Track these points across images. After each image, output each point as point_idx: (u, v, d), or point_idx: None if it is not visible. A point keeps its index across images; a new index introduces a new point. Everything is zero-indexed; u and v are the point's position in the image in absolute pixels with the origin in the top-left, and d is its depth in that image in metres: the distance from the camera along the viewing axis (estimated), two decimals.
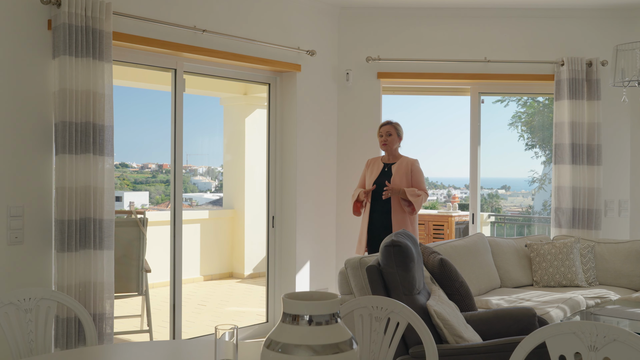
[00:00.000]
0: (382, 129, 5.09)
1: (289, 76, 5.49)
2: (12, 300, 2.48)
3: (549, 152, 9.16)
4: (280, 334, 1.49)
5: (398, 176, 4.95)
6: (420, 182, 4.99)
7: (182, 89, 4.72)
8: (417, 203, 4.86)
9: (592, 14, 5.84)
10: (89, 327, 2.59)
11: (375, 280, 3.25)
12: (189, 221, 7.60)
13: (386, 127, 5.07)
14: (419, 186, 4.97)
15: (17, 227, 3.67)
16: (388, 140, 5.05)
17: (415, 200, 4.85)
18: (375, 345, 2.39)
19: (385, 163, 5.11)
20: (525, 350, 1.93)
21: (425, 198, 4.94)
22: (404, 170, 4.99)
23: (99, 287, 3.81)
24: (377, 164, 5.14)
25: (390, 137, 5.04)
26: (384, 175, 5.02)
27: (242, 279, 8.34)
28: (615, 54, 4.50)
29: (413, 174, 4.99)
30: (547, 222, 7.71)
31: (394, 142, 5.07)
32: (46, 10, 3.77)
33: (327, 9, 5.70)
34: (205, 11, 4.70)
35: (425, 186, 5.01)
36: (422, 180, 5.01)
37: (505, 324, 3.34)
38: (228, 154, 8.99)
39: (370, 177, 5.08)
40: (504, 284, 5.05)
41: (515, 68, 5.83)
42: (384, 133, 5.06)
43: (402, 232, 3.56)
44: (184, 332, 5.01)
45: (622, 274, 5.10)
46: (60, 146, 3.68)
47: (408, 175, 4.97)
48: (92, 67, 3.77)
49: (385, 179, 4.96)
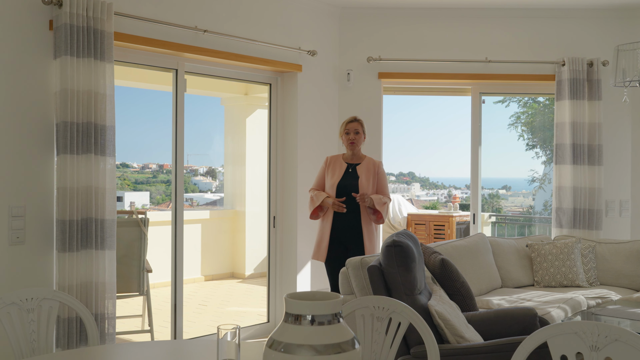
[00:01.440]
0: (349, 125, 4.63)
1: (290, 76, 5.49)
2: (14, 300, 2.48)
3: (549, 152, 9.16)
4: (282, 334, 1.49)
5: (365, 179, 4.54)
6: (384, 186, 4.61)
7: (183, 89, 4.72)
8: (385, 212, 4.49)
9: (593, 14, 5.84)
10: (91, 327, 2.59)
11: (377, 280, 3.25)
12: (190, 221, 7.60)
13: (354, 124, 4.62)
14: (383, 191, 4.59)
15: (19, 227, 3.67)
16: (356, 139, 4.61)
17: (382, 209, 4.47)
18: (376, 345, 2.39)
19: (348, 163, 4.66)
20: (527, 350, 1.93)
21: (389, 205, 4.61)
22: (371, 172, 4.58)
23: (101, 287, 3.82)
24: (339, 163, 4.67)
25: (358, 136, 4.62)
26: (349, 176, 4.58)
27: (243, 279, 8.34)
28: (617, 54, 4.50)
29: (379, 177, 4.60)
30: (548, 222, 7.71)
31: (361, 140, 4.65)
32: (48, 11, 3.77)
33: (328, 9, 5.71)
34: (206, 11, 4.70)
35: (388, 191, 4.63)
36: (386, 184, 4.64)
37: (506, 324, 3.34)
38: (229, 154, 8.99)
39: (333, 178, 4.60)
40: (505, 284, 5.05)
41: (516, 68, 5.83)
42: (352, 130, 4.61)
43: (403, 232, 3.57)
44: (185, 332, 5.01)
45: (623, 274, 5.10)
46: (61, 146, 3.68)
47: (374, 178, 4.58)
48: (93, 67, 3.78)
49: (350, 181, 4.55)
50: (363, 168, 4.60)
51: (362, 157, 4.68)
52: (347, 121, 4.66)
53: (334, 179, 4.58)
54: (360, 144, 4.66)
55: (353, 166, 4.63)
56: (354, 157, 4.67)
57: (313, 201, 4.59)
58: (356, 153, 4.67)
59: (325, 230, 4.56)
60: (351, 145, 4.62)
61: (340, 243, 4.54)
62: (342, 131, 4.67)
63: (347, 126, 4.63)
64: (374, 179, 4.57)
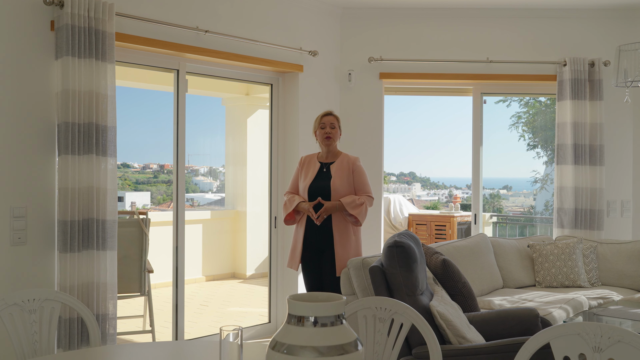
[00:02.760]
0: (325, 119, 4.27)
1: (291, 77, 5.49)
2: (16, 301, 2.48)
3: (550, 153, 9.16)
4: (285, 335, 1.49)
5: (339, 178, 4.19)
6: (363, 184, 4.21)
7: (184, 89, 4.72)
8: (362, 214, 4.12)
9: (595, 14, 5.84)
10: (93, 328, 2.59)
11: (378, 281, 3.25)
12: (191, 221, 7.60)
13: (330, 118, 4.27)
14: (363, 189, 4.20)
15: (20, 227, 3.67)
16: (332, 133, 4.25)
17: (359, 212, 4.10)
18: (379, 346, 2.39)
19: (322, 162, 4.31)
20: (530, 351, 1.93)
21: (370, 203, 4.18)
22: (345, 170, 4.21)
23: (102, 288, 3.81)
24: (313, 163, 4.33)
25: (334, 130, 4.27)
26: (322, 177, 4.25)
27: (244, 280, 8.34)
28: (618, 54, 4.50)
29: (355, 174, 4.21)
30: (549, 222, 7.70)
31: (337, 136, 4.30)
32: (49, 11, 3.77)
33: (330, 10, 5.71)
34: (207, 12, 4.70)
35: (369, 188, 4.23)
36: (365, 181, 4.23)
37: (508, 325, 3.34)
38: (230, 154, 8.99)
39: (305, 180, 4.28)
40: (507, 284, 5.05)
41: (518, 68, 5.83)
42: (328, 124, 4.25)
43: (404, 232, 3.57)
44: (187, 332, 5.01)
45: (624, 275, 5.09)
46: (62, 147, 3.68)
47: (350, 176, 4.21)
48: (94, 68, 3.78)
49: (323, 183, 4.22)
50: (337, 166, 4.24)
51: (337, 154, 4.32)
52: (322, 115, 4.31)
53: (306, 181, 4.27)
54: (336, 140, 4.32)
55: (327, 165, 4.29)
56: (329, 154, 4.32)
57: (286, 206, 4.29)
58: (332, 150, 4.31)
59: (298, 237, 4.28)
60: (327, 141, 4.25)
61: (314, 248, 4.24)
62: (316, 126, 4.31)
63: (323, 119, 4.28)
64: (350, 177, 4.21)
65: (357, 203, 4.11)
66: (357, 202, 4.11)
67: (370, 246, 5.69)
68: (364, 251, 5.08)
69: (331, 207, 4.10)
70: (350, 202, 4.10)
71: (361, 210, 4.11)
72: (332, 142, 4.27)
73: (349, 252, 4.20)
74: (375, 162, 5.83)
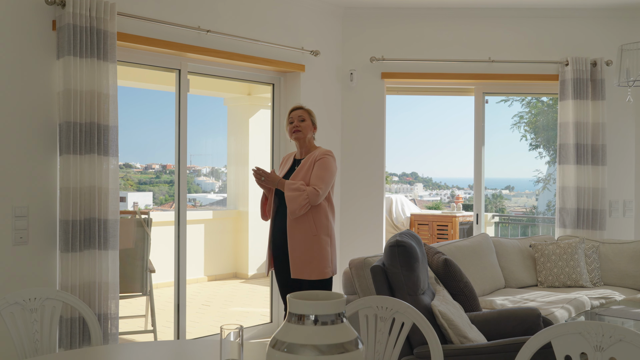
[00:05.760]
0: (293, 113, 4.00)
1: (293, 76, 5.49)
2: (17, 300, 2.49)
3: (552, 152, 9.14)
4: (285, 334, 1.49)
5: (301, 172, 3.87)
6: (316, 176, 3.80)
7: (186, 89, 4.73)
8: (292, 201, 3.71)
9: (597, 14, 5.83)
10: (94, 327, 2.59)
11: (380, 280, 3.25)
12: (193, 221, 7.61)
13: (298, 112, 3.99)
14: (313, 181, 3.79)
15: (22, 227, 3.68)
16: (301, 126, 3.94)
17: (290, 195, 3.71)
18: (380, 345, 2.39)
19: (296, 159, 4.06)
20: (531, 351, 1.92)
21: (313, 198, 3.72)
22: (310, 164, 3.88)
23: (104, 287, 3.82)
24: (290, 160, 4.10)
25: (304, 123, 3.96)
26: (291, 173, 3.98)
27: (246, 279, 8.34)
28: (620, 53, 4.49)
29: (315, 166, 3.85)
30: (551, 222, 7.69)
31: (308, 129, 3.98)
32: (51, 11, 3.78)
33: (331, 9, 5.70)
34: (209, 12, 4.70)
35: (321, 182, 3.78)
36: (319, 174, 3.81)
37: (509, 325, 3.33)
38: (232, 154, 8.99)
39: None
40: (509, 284, 5.04)
41: (520, 68, 5.82)
42: (296, 117, 3.96)
43: (406, 232, 3.56)
44: (188, 332, 5.01)
45: (627, 275, 5.08)
46: (64, 146, 3.68)
47: (311, 169, 3.88)
48: (96, 67, 3.78)
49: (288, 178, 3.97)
50: (304, 161, 3.93)
51: (312, 150, 4.02)
52: (290, 109, 4.05)
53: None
54: (308, 134, 3.98)
55: (300, 161, 4.01)
56: (303, 150, 4.02)
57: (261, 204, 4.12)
58: (306, 145, 4.01)
59: (268, 239, 4.06)
60: (295, 135, 3.95)
61: (280, 250, 3.95)
62: (286, 122, 4.05)
63: (291, 114, 4.00)
64: (310, 170, 3.86)
65: (294, 187, 3.75)
66: (294, 187, 3.75)
67: (372, 246, 5.68)
68: (365, 251, 5.09)
69: (272, 178, 3.86)
70: (290, 183, 3.79)
71: (295, 196, 3.72)
72: (301, 135, 3.96)
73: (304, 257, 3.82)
74: (376, 162, 5.83)
